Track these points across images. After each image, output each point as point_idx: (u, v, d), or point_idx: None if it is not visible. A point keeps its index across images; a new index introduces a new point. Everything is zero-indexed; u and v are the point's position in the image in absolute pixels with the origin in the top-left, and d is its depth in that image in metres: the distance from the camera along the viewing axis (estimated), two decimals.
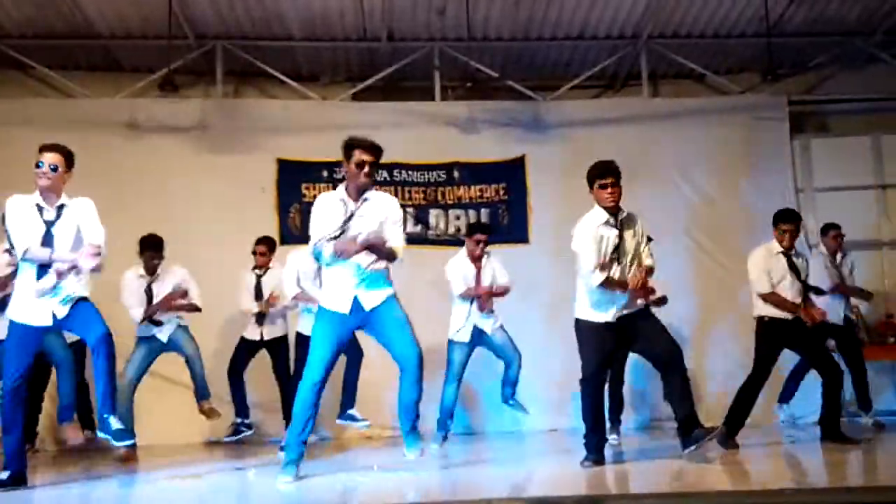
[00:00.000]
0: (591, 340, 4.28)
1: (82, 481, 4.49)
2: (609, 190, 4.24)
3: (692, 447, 4.18)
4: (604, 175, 4.27)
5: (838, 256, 6.31)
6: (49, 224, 4.00)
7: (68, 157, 4.09)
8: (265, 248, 6.09)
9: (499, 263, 5.71)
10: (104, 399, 4.01)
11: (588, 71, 7.44)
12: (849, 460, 4.58)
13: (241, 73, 7.41)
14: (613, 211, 4.28)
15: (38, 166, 4.02)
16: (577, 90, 7.53)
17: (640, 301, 4.31)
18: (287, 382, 5.77)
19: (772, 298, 4.99)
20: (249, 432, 5.91)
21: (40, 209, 4.03)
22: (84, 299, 4.07)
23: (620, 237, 4.27)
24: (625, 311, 4.27)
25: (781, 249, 5.08)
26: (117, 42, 7.04)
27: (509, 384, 5.65)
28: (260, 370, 6.06)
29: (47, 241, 3.98)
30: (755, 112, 7.34)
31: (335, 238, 3.98)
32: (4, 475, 3.98)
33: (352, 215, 4.04)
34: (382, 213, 4.10)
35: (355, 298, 4.05)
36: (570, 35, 7.22)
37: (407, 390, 4.13)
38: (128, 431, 4.06)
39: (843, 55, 7.46)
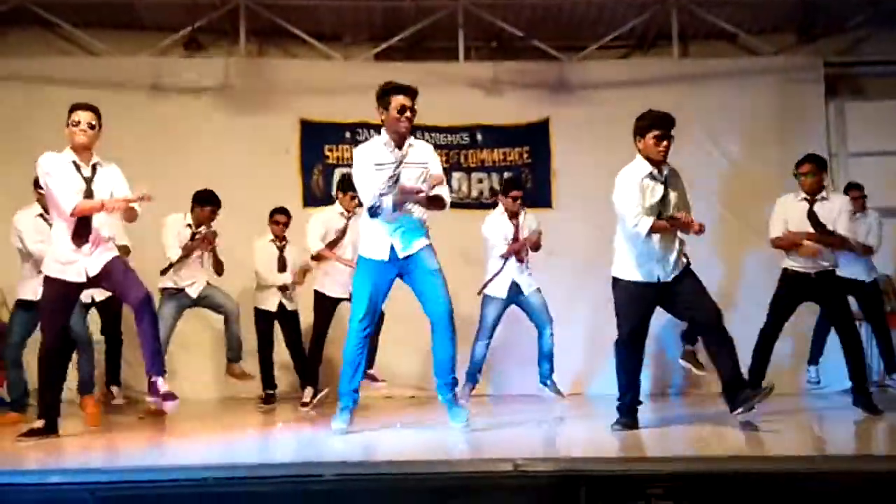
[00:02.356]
0: (629, 300, 4.18)
1: (111, 433, 4.59)
2: (664, 143, 4.13)
3: (740, 409, 4.09)
4: (661, 126, 4.14)
5: (857, 217, 6.13)
6: (88, 181, 4.08)
7: (99, 117, 4.16)
8: (286, 218, 6.03)
9: (534, 220, 5.79)
10: (152, 361, 4.12)
11: (616, 30, 7.27)
12: (870, 430, 4.52)
13: (264, 33, 7.36)
14: (659, 164, 4.18)
15: (75, 124, 4.06)
16: (604, 50, 7.37)
17: (683, 259, 4.19)
18: (301, 350, 5.80)
19: (776, 243, 4.92)
20: (276, 403, 5.89)
21: (77, 166, 4.09)
22: (117, 258, 4.16)
23: (665, 191, 4.16)
24: (669, 273, 4.16)
25: (804, 196, 4.96)
26: (142, 0, 7.01)
27: (545, 358, 5.63)
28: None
29: (88, 197, 4.05)
30: (789, 74, 7.15)
31: (389, 187, 3.99)
32: (39, 423, 4.11)
33: (401, 162, 4.06)
34: (425, 160, 4.14)
35: (391, 246, 4.10)
36: None
37: (438, 345, 4.15)
38: (171, 394, 4.12)
39: (880, 16, 7.20)
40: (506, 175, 7.00)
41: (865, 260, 5.93)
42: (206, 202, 5.50)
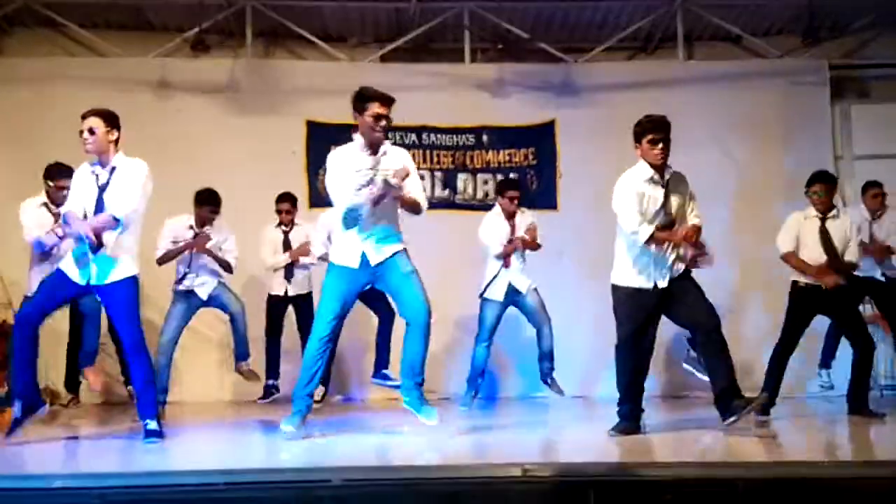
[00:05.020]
0: (627, 305, 4.19)
1: (112, 436, 4.56)
2: (660, 146, 4.11)
3: (731, 418, 4.06)
4: (655, 130, 4.14)
5: (877, 216, 6.01)
6: (101, 189, 4.04)
7: (106, 117, 4.06)
8: (289, 206, 6.13)
9: (531, 218, 5.74)
10: (143, 406, 4.08)
11: (621, 32, 7.27)
12: (878, 434, 4.53)
13: (270, 34, 7.38)
14: (660, 168, 4.17)
15: (80, 135, 4.06)
16: (609, 52, 7.37)
17: (680, 264, 4.18)
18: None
19: (791, 260, 4.92)
20: (279, 394, 5.95)
21: (95, 175, 4.07)
22: (131, 280, 4.04)
23: (666, 196, 4.14)
24: (666, 278, 4.15)
25: (815, 213, 4.98)
26: (148, 1, 7.02)
27: (545, 358, 5.63)
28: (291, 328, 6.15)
29: (99, 204, 4.01)
30: (794, 76, 7.15)
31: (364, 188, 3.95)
32: (17, 410, 4.00)
33: (375, 167, 4.01)
34: (400, 166, 4.07)
35: (362, 254, 4.07)
36: None
37: (410, 345, 4.10)
38: (160, 432, 4.06)
39: (885, 18, 7.19)
40: (510, 175, 7.02)
41: (865, 261, 5.83)
42: (204, 202, 5.47)
